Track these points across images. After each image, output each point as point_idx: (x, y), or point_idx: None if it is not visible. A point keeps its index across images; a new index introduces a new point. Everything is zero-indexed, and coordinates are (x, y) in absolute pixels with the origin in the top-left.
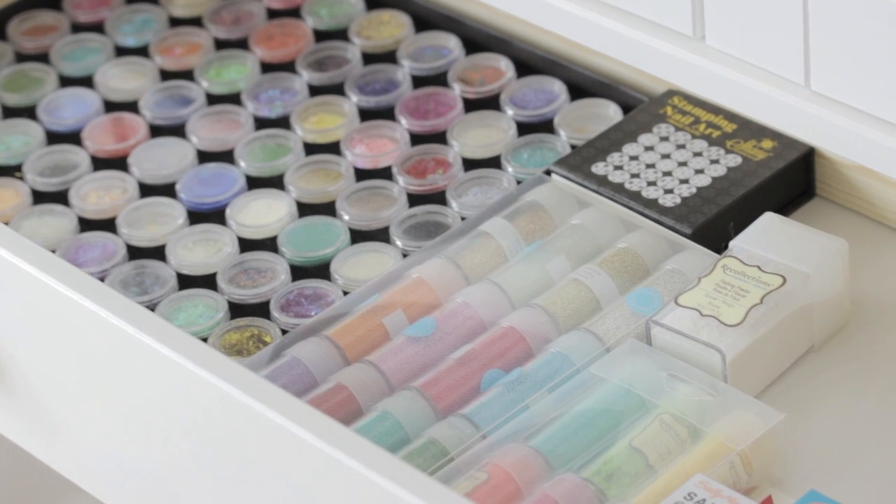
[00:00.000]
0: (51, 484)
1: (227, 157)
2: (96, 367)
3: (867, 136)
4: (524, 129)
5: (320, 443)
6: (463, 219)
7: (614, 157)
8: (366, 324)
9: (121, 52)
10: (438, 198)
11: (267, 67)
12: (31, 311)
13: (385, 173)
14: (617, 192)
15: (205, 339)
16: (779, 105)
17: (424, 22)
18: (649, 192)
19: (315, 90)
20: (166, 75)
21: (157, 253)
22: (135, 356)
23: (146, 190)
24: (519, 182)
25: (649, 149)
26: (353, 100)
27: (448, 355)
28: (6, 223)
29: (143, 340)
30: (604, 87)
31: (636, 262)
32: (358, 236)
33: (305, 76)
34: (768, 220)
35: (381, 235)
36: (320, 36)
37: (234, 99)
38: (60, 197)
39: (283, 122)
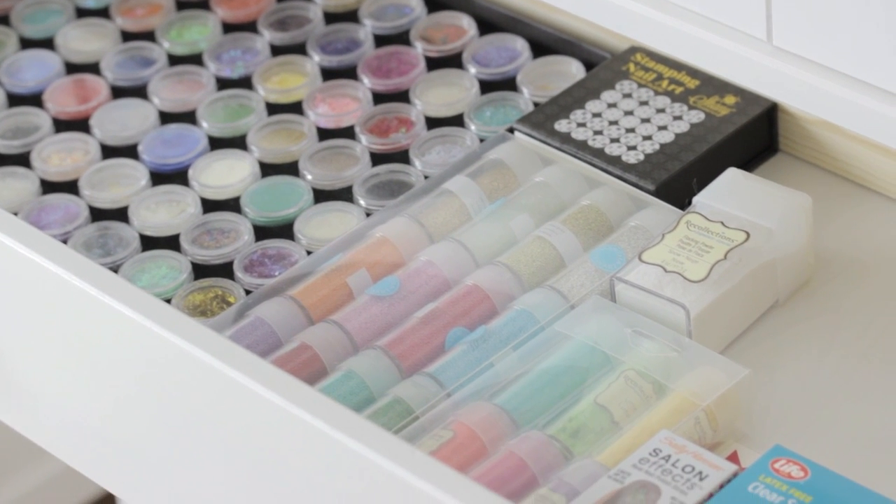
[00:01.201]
0: (17, 448)
1: (189, 117)
2: (59, 330)
3: (830, 91)
4: (487, 87)
5: (284, 403)
6: (426, 177)
7: (577, 115)
8: (330, 283)
9: (82, 13)
10: (401, 156)
11: (228, 28)
12: None
13: (348, 132)
14: (580, 149)
15: (168, 301)
16: (741, 61)
17: None
18: (612, 149)
19: (277, 50)
20: (127, 36)
21: (120, 214)
22: (98, 318)
23: (108, 151)
24: (482, 140)
25: (612, 106)
26: (315, 59)
27: (412, 314)
28: None
29: (106, 302)
30: (566, 44)
31: (600, 219)
32: (321, 196)
33: (267, 36)
34: (731, 175)
35: (345, 195)
36: None
37: (195, 60)
38: (22, 159)
39: (245, 83)
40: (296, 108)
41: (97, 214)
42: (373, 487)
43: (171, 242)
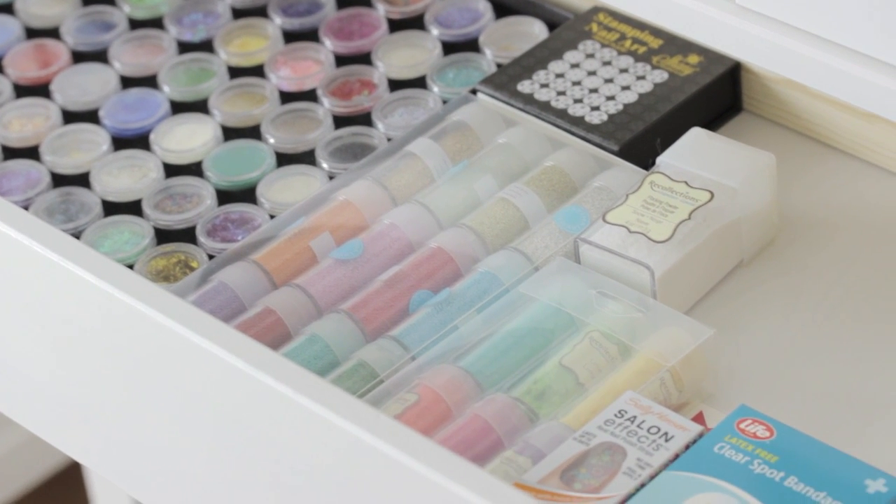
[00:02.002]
0: None
1: (150, 82)
2: (22, 297)
3: (793, 50)
4: (449, 48)
5: (248, 367)
6: (389, 140)
7: (540, 75)
8: (293, 247)
9: None
10: (364, 119)
11: None
12: None
13: (310, 95)
14: (543, 110)
15: (131, 266)
16: (704, 20)
17: None
18: (576, 110)
19: (238, 13)
20: (88, 0)
21: (82, 180)
22: (61, 285)
23: (69, 117)
24: (445, 102)
25: (575, 66)
26: (277, 22)
27: (376, 277)
28: None
29: (68, 269)
30: (528, 4)
31: (563, 180)
32: (284, 159)
33: None
34: (695, 135)
35: (307, 158)
36: None
37: (156, 23)
38: None
39: (206, 46)
40: (258, 71)
41: (59, 180)
42: (338, 452)
43: (134, 208)
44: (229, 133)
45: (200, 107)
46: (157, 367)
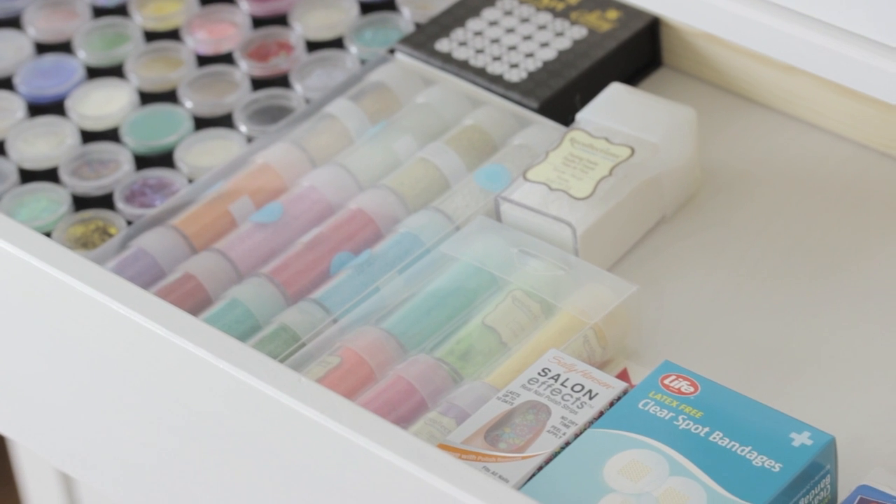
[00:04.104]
0: None
1: (65, 47)
2: None
3: (711, 3)
4: (366, 8)
5: (168, 333)
6: (307, 101)
7: (458, 34)
8: (212, 211)
9: None
10: (282, 81)
11: None
12: None
13: (227, 58)
14: (462, 68)
15: (49, 234)
16: None
17: None
18: (494, 68)
19: None
20: None
21: None
22: None
23: None
24: (363, 62)
25: (493, 24)
26: None
27: (296, 240)
28: None
29: None
30: None
31: (483, 138)
32: (202, 123)
33: None
34: (615, 90)
35: (225, 121)
36: None
37: None
38: None
39: (121, 11)
40: (173, 34)
41: None
42: (259, 416)
43: (51, 175)
44: (146, 98)
45: (116, 72)
46: (76, 335)
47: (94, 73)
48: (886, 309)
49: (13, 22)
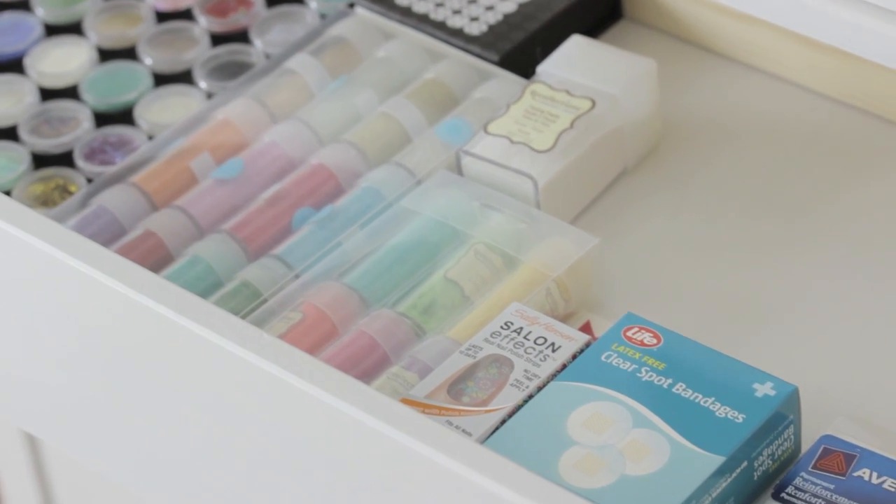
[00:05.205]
0: None
1: (23, 5)
2: None
3: None
4: None
5: (129, 291)
6: (267, 57)
7: None
8: (172, 168)
9: None
10: (241, 37)
11: None
12: None
13: (186, 14)
14: (422, 22)
15: (9, 192)
16: None
17: None
18: (455, 21)
19: None
20: None
21: None
22: None
23: None
24: (323, 17)
25: None
26: None
27: (258, 196)
28: None
29: None
30: None
31: (444, 92)
32: (161, 80)
33: None
34: (575, 43)
35: (185, 78)
36: None
37: None
38: None
39: None
40: None
41: None
42: (222, 372)
43: (10, 133)
44: (105, 55)
45: (75, 29)
46: (36, 293)
47: (52, 30)
48: (848, 258)
49: None
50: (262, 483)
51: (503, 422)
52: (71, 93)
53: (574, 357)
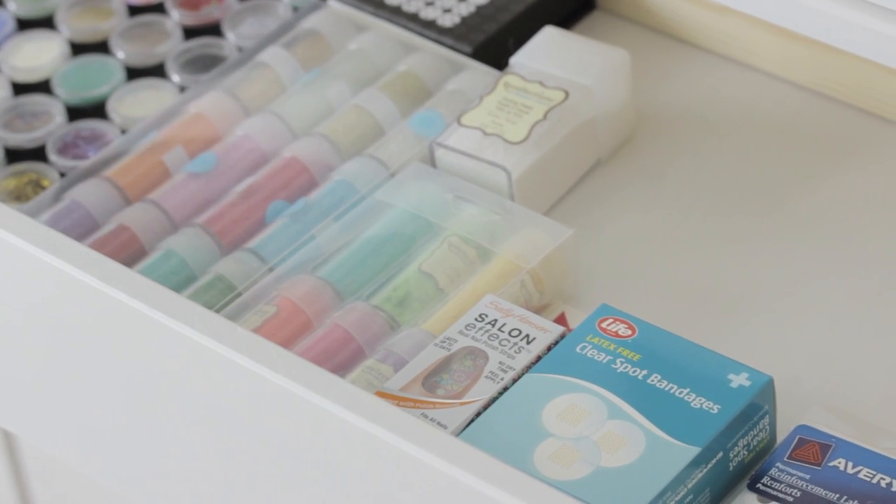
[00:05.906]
0: None
1: None
2: None
3: None
4: None
5: (103, 285)
6: (240, 50)
7: None
8: (145, 162)
9: None
10: (214, 30)
11: None
12: None
13: (158, 8)
14: (395, 14)
15: None
16: None
17: None
18: (427, 13)
19: None
20: None
21: None
22: None
23: None
24: (295, 9)
25: None
26: None
27: (231, 189)
28: None
29: None
30: None
31: (417, 84)
32: (134, 73)
33: None
34: (548, 34)
35: (158, 71)
36: None
37: None
38: None
39: None
40: None
41: None
42: (196, 367)
43: None
44: (78, 49)
45: (47, 23)
46: (9, 288)
47: (24, 24)
48: (821, 248)
49: None
50: (237, 476)
51: (478, 414)
52: (43, 87)
53: (549, 349)
